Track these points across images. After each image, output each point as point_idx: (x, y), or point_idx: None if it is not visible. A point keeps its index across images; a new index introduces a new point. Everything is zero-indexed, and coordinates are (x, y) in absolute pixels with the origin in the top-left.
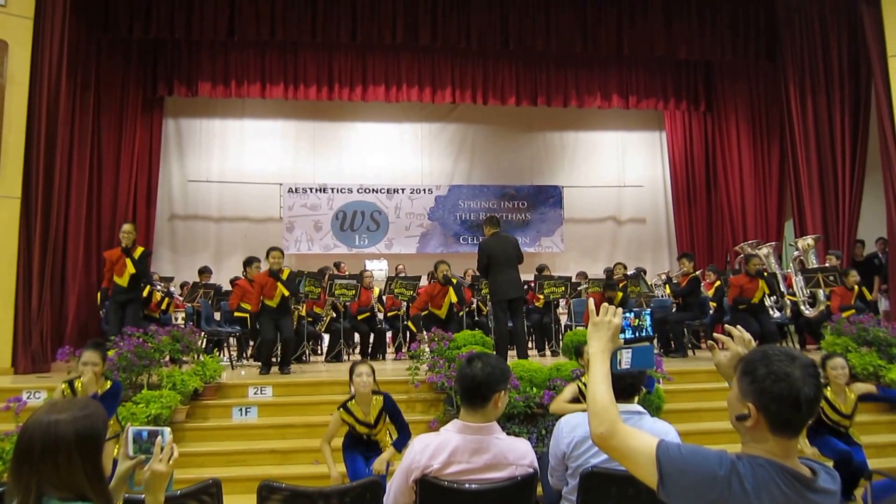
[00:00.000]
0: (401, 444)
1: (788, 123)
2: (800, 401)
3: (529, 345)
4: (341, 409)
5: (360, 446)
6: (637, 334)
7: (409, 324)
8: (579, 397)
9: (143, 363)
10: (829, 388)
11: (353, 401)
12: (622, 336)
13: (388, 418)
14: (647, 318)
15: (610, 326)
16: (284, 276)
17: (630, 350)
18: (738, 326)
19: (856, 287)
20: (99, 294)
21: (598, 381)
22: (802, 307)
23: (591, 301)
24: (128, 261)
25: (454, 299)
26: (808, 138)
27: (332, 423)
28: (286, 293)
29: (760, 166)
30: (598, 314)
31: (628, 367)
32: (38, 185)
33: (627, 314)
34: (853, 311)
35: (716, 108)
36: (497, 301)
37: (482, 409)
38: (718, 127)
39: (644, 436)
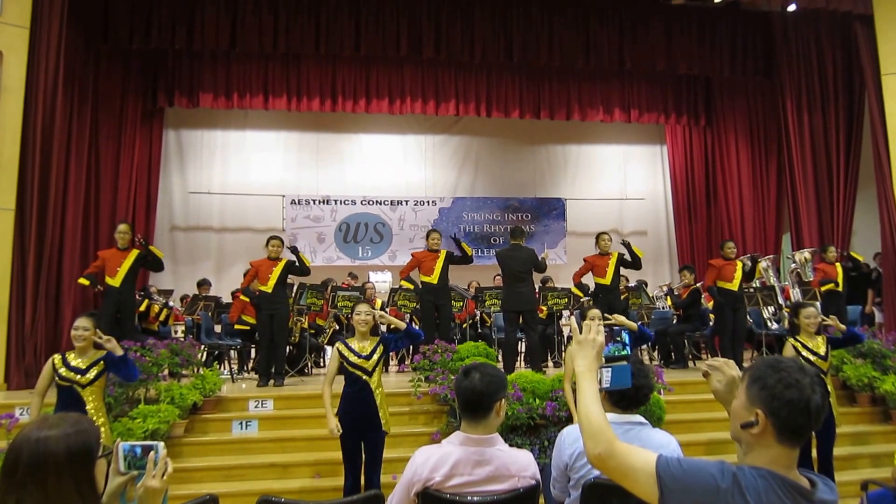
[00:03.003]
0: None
1: (785, 138)
2: (810, 407)
3: None
4: (339, 343)
5: (355, 397)
6: (616, 352)
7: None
8: None
9: (139, 377)
10: (801, 333)
11: (353, 337)
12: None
13: (385, 350)
14: (626, 336)
15: (594, 344)
16: (281, 265)
17: (610, 369)
18: (718, 357)
19: (837, 265)
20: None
21: (591, 402)
22: None
23: (574, 319)
24: (129, 256)
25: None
26: (804, 153)
27: (331, 361)
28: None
29: (759, 180)
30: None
31: (607, 385)
32: (33, 197)
33: (606, 332)
34: (833, 284)
35: (715, 122)
36: (505, 312)
37: (484, 421)
38: (718, 141)
39: (641, 452)
